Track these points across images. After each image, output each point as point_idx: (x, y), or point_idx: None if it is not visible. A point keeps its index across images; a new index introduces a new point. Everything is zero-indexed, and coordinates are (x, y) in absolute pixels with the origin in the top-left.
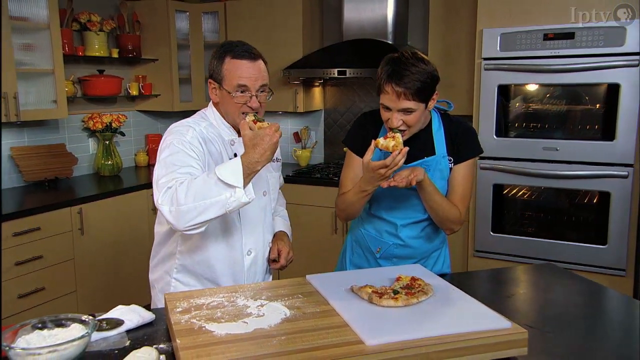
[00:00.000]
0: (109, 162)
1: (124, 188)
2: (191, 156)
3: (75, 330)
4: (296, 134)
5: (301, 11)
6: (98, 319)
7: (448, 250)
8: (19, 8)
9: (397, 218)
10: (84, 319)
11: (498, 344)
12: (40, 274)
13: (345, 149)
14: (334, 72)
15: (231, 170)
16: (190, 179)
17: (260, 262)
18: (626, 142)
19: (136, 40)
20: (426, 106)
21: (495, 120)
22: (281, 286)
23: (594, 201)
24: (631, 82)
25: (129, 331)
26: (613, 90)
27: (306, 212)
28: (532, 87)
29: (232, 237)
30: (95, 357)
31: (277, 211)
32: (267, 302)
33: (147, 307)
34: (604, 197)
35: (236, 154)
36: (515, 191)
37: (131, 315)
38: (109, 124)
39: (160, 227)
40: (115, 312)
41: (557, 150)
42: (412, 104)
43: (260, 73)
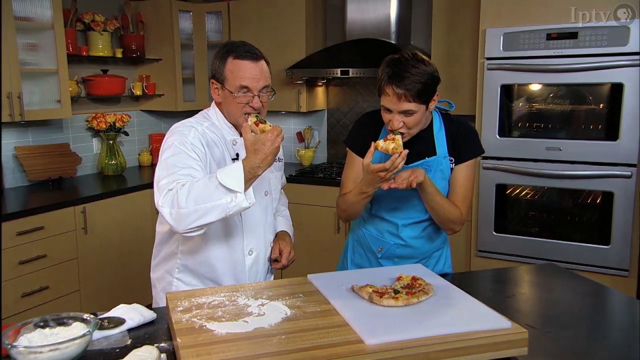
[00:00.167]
0: (113, 162)
1: (128, 187)
2: (192, 157)
3: (77, 329)
4: (299, 133)
5: (304, 11)
6: (100, 318)
7: (449, 250)
8: (23, 8)
9: (399, 218)
10: (85, 317)
11: (498, 343)
12: (44, 273)
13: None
14: (337, 72)
15: (232, 175)
16: (192, 181)
17: (262, 262)
18: (630, 142)
19: (140, 40)
20: (427, 107)
21: (498, 120)
22: (282, 285)
23: (597, 201)
24: (634, 82)
25: (130, 330)
26: (616, 90)
27: (309, 211)
28: (535, 87)
29: (234, 237)
30: (96, 355)
31: (279, 211)
32: (267, 301)
33: (151, 306)
34: (608, 197)
35: (238, 154)
36: (518, 191)
37: (133, 314)
38: (112, 123)
39: (162, 227)
40: (117, 311)
41: (560, 150)
42: (413, 106)
43: (263, 74)
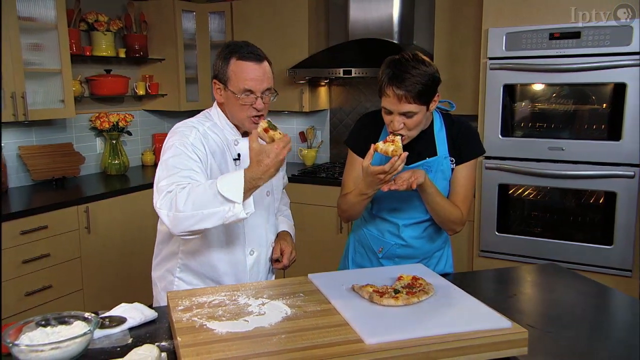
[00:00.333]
0: (116, 162)
1: (131, 187)
2: (192, 159)
3: (78, 327)
4: (302, 133)
5: (307, 11)
6: (101, 317)
7: (451, 250)
8: (27, 8)
9: (399, 218)
10: (86, 316)
11: (498, 343)
12: (47, 272)
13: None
14: (340, 72)
15: (232, 184)
16: (192, 186)
17: (263, 262)
18: (632, 142)
19: (143, 40)
20: (428, 108)
21: (500, 120)
22: (283, 285)
23: (600, 201)
24: (637, 82)
25: (131, 329)
26: (619, 89)
27: (311, 211)
28: (537, 87)
29: (235, 238)
30: (97, 354)
31: (281, 210)
32: (268, 300)
33: (152, 305)
34: (610, 197)
35: (240, 154)
36: (520, 191)
37: (134, 313)
38: (115, 123)
39: (163, 227)
40: (118, 310)
41: (563, 150)
42: (414, 107)
43: (266, 75)
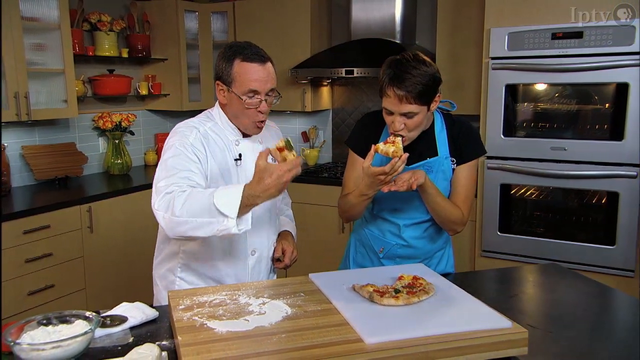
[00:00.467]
0: (119, 161)
1: (133, 187)
2: (192, 160)
3: (79, 326)
4: (304, 133)
5: (309, 11)
6: (102, 316)
7: (452, 250)
8: (30, 8)
9: (400, 219)
10: (87, 315)
11: (498, 343)
12: (50, 272)
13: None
14: (342, 72)
15: (229, 198)
16: (191, 191)
17: (265, 262)
18: (635, 142)
19: (146, 40)
20: (428, 108)
21: (502, 120)
22: (283, 284)
23: (603, 201)
24: None
25: (132, 328)
26: (622, 89)
27: (313, 211)
28: (540, 87)
29: (237, 237)
30: (98, 353)
31: (282, 210)
32: (269, 300)
33: (153, 305)
34: (613, 197)
35: (241, 155)
36: (522, 191)
37: (135, 312)
38: (118, 123)
39: None
40: (119, 309)
41: (565, 150)
42: (414, 107)
43: (270, 75)
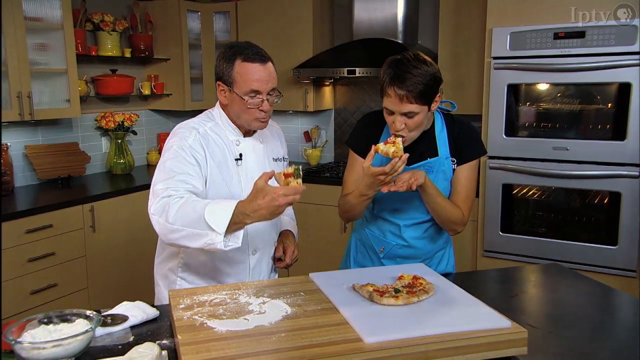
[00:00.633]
0: (121, 161)
1: (136, 186)
2: (190, 163)
3: (80, 325)
4: (306, 133)
5: (311, 11)
6: (103, 315)
7: (452, 250)
8: (33, 8)
9: (400, 219)
10: (88, 314)
11: (497, 343)
12: (52, 271)
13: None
14: (344, 72)
15: (219, 213)
16: (187, 199)
17: (266, 262)
18: (637, 142)
19: (148, 40)
20: (429, 108)
21: (504, 120)
22: (284, 284)
23: (605, 201)
24: None
25: (133, 327)
26: (624, 89)
27: (315, 211)
28: (542, 87)
29: None
30: (99, 351)
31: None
32: (269, 299)
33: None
34: (615, 197)
35: (241, 154)
36: (524, 191)
37: (136, 312)
38: (121, 122)
39: None
40: (120, 308)
41: (567, 150)
42: (415, 107)
43: (271, 75)
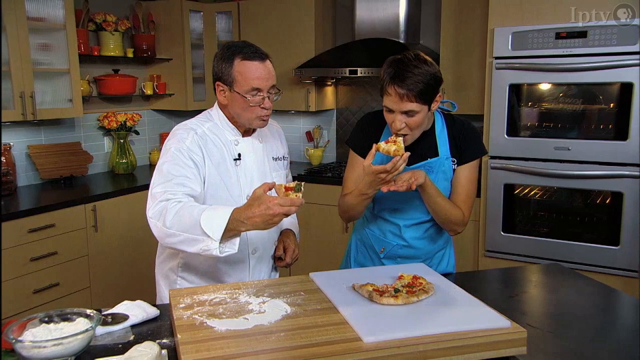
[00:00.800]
0: (124, 161)
1: (138, 186)
2: (187, 165)
3: (81, 324)
4: (308, 133)
5: (314, 11)
6: (104, 314)
7: (453, 250)
8: (36, 8)
9: (401, 219)
10: (89, 313)
11: (497, 342)
12: (54, 270)
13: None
14: (346, 72)
15: (215, 220)
16: (183, 204)
17: (266, 261)
18: (639, 141)
19: (151, 40)
20: (429, 108)
21: (506, 120)
22: (284, 283)
23: (607, 201)
24: None
25: (133, 326)
26: (626, 89)
27: (317, 211)
28: (544, 87)
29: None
30: (99, 350)
31: None
32: (269, 299)
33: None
34: (617, 197)
35: (240, 154)
36: (526, 191)
37: (136, 311)
38: (123, 122)
39: None
40: (121, 307)
41: (569, 150)
42: (415, 106)
43: (270, 73)
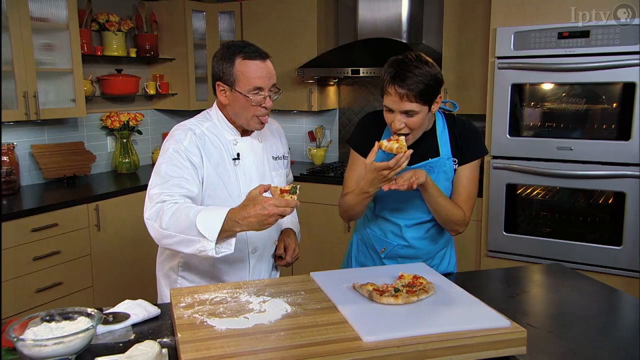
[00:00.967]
0: (127, 160)
1: (140, 186)
2: (185, 166)
3: (82, 323)
4: (311, 133)
5: (316, 10)
6: (104, 313)
7: (454, 249)
8: (39, 9)
9: (401, 219)
10: (90, 312)
11: (496, 342)
12: (57, 269)
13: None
14: (348, 72)
15: (210, 220)
16: (181, 205)
17: (266, 260)
18: None
19: (153, 40)
20: (429, 109)
21: (508, 120)
22: (284, 283)
23: (609, 201)
24: None
25: (134, 325)
26: (629, 89)
27: (319, 211)
28: (546, 86)
29: (237, 236)
30: (100, 349)
31: None
32: (269, 298)
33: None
34: (619, 197)
35: (239, 154)
36: (528, 191)
37: (137, 310)
38: (126, 122)
39: None
40: (122, 306)
41: (572, 150)
42: (415, 106)
43: (271, 72)
